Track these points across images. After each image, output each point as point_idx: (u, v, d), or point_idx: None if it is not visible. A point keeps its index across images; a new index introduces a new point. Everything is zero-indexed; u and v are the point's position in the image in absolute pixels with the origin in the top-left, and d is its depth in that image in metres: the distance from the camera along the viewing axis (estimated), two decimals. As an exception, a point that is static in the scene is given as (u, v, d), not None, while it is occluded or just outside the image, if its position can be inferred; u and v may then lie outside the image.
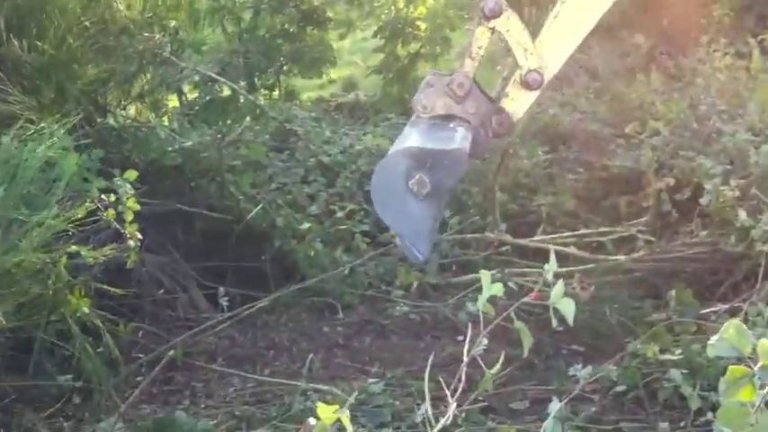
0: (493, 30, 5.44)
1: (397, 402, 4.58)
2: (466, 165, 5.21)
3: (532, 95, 5.40)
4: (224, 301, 5.00)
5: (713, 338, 2.41)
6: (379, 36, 11.45)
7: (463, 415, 4.32)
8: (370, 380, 4.91)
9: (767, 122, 7.48)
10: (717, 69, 9.01)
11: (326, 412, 2.30)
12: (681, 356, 4.55)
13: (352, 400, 3.00)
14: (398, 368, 5.23)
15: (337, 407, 2.31)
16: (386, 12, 11.37)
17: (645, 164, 7.02)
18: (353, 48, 14.09)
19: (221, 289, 5.10)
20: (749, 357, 2.31)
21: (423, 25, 11.34)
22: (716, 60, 9.06)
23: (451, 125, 5.40)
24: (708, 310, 5.41)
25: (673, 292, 5.78)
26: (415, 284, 6.26)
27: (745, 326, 2.33)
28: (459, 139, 5.30)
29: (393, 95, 11.09)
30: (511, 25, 5.39)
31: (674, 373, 4.44)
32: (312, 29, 10.81)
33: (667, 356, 4.61)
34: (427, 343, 5.73)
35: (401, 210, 5.01)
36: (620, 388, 4.63)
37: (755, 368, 2.25)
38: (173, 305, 5.85)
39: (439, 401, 3.55)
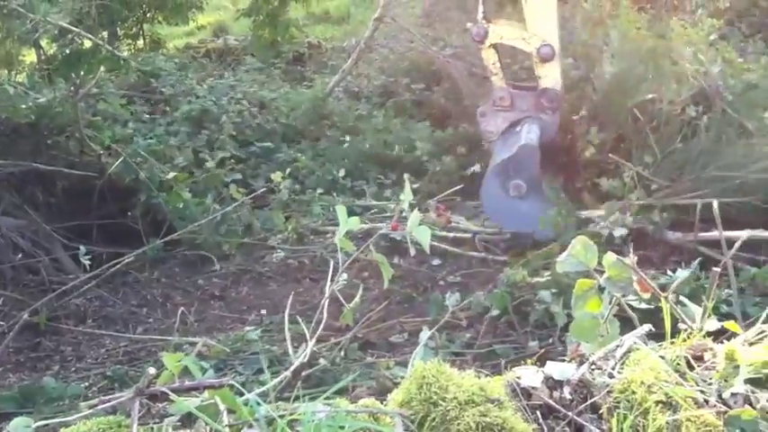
0: (491, 45, 5.88)
1: (275, 347, 4.52)
2: (537, 153, 5.59)
3: (555, 65, 5.90)
4: (86, 260, 4.78)
5: (561, 255, 2.46)
6: (246, -23, 11.10)
7: (342, 352, 4.33)
8: (247, 328, 4.83)
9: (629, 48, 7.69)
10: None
11: (172, 361, 2.22)
12: (549, 278, 4.66)
13: (199, 346, 2.96)
14: (277, 314, 5.17)
15: (183, 355, 2.23)
16: (253, -47, 10.98)
17: None
18: (222, -9, 13.66)
19: (82, 248, 4.88)
20: (597, 271, 2.37)
21: (291, -36, 11.06)
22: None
23: (518, 128, 5.83)
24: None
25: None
26: (290, 229, 6.17)
27: (591, 241, 2.38)
28: (524, 135, 5.69)
29: (264, 38, 10.81)
30: (501, 33, 5.84)
31: (544, 294, 4.56)
32: (176, -26, 10.38)
33: (536, 279, 4.73)
34: (306, 286, 5.68)
35: (518, 215, 5.49)
36: (494, 313, 4.73)
37: (600, 279, 2.31)
38: (35, 269, 5.58)
39: (317, 342, 3.52)
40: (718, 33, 7.49)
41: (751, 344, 1.84)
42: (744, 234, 4.02)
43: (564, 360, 2.08)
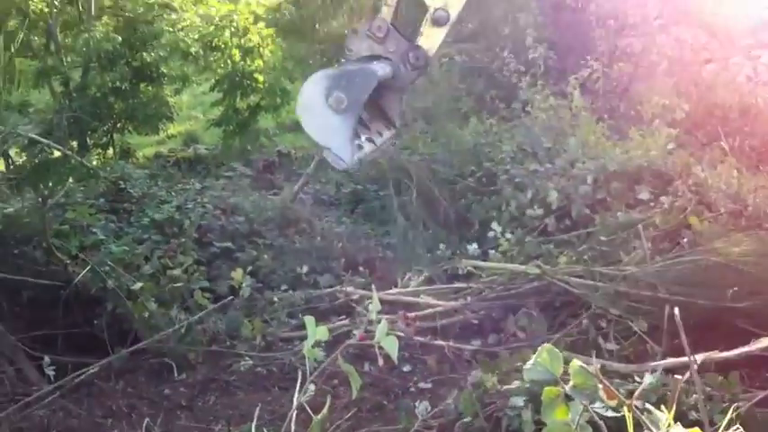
0: None
1: (245, 459, 4.42)
2: (375, 81, 5.21)
3: (442, 32, 5.74)
4: (50, 371, 4.69)
5: (528, 363, 2.48)
6: (217, 89, 11.34)
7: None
8: (215, 439, 4.73)
9: (589, 156, 7.95)
10: (542, 110, 9.51)
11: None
12: (519, 384, 4.64)
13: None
14: (245, 424, 5.06)
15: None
16: (222, 65, 11.28)
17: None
18: (193, 102, 13.90)
19: (46, 358, 4.79)
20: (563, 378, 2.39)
21: (261, 77, 11.33)
22: (539, 102, 9.57)
23: (374, 62, 5.53)
24: (553, 336, 5.61)
25: (515, 321, 5.96)
26: (260, 338, 6.13)
27: (557, 349, 2.41)
28: (375, 66, 5.36)
29: (234, 147, 10.99)
30: None
31: (515, 400, 4.53)
32: (146, 85, 10.60)
33: (506, 386, 4.70)
34: (275, 395, 5.60)
35: (324, 125, 5.11)
36: (465, 420, 4.67)
37: (566, 388, 2.33)
38: (-1, 380, 5.46)
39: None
40: (675, 142, 7.78)
41: (714, 451, 1.87)
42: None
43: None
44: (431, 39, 5.81)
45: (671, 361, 4.69)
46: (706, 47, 10.17)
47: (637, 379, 4.34)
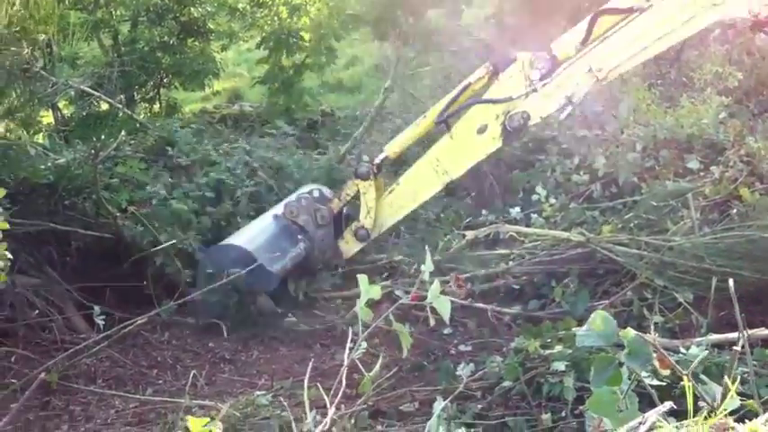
0: (358, 186, 6.18)
1: (286, 413, 4.49)
2: (271, 287, 5.69)
3: (360, 245, 6.22)
4: (100, 320, 4.80)
5: (581, 329, 2.48)
6: (263, 47, 11.33)
7: (352, 420, 4.30)
8: (258, 392, 4.80)
9: (638, 122, 7.84)
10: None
11: (197, 425, 2.24)
12: (561, 350, 4.63)
13: (224, 411, 2.97)
14: (287, 379, 5.15)
15: (208, 420, 2.25)
16: (269, 22, 11.25)
17: None
18: (238, 59, 13.93)
19: (96, 308, 4.89)
20: (617, 345, 2.39)
21: (307, 35, 11.30)
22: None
23: (300, 238, 6.00)
24: (596, 304, 5.58)
25: (558, 289, 5.94)
26: (302, 295, 6.21)
27: (610, 316, 2.41)
28: (287, 259, 5.84)
29: (279, 105, 11.00)
30: (368, 190, 6.15)
31: (557, 365, 4.53)
32: (193, 40, 10.62)
33: (548, 351, 4.70)
34: (317, 352, 5.69)
35: (205, 279, 5.44)
36: (507, 384, 4.69)
37: (620, 355, 2.33)
38: (48, 328, 5.59)
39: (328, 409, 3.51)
40: (727, 111, 7.62)
41: (773, 424, 1.86)
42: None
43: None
44: (348, 246, 6.16)
45: (720, 336, 4.63)
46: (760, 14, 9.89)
47: (682, 350, 4.31)
